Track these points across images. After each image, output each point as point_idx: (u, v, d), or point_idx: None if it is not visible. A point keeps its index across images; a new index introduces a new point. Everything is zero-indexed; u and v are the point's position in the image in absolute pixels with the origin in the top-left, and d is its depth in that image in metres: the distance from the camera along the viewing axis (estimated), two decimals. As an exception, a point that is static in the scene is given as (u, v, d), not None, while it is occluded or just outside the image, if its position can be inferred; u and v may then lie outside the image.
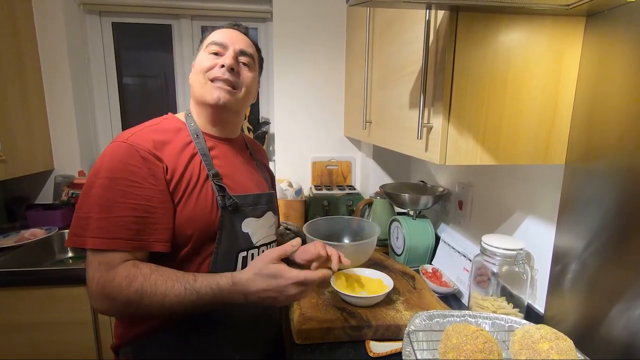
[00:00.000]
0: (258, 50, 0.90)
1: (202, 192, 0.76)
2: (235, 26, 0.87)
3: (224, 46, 0.81)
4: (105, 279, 0.65)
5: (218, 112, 0.83)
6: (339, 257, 0.87)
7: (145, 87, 2.15)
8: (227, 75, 0.79)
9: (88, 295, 0.67)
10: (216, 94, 0.79)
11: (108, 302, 0.66)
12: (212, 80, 0.79)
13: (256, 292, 0.68)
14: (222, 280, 0.69)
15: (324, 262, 0.88)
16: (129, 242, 0.67)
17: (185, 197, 0.74)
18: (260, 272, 0.69)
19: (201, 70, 0.80)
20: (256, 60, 0.87)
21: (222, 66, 0.79)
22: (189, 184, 0.75)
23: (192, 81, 0.83)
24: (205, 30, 0.90)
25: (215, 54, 0.81)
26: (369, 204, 1.54)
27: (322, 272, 0.72)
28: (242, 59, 0.83)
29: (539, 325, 0.64)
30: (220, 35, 0.82)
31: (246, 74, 0.83)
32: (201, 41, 0.86)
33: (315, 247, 0.90)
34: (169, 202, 0.72)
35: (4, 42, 1.48)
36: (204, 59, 0.81)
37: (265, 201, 0.89)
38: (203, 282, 0.67)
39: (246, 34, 0.88)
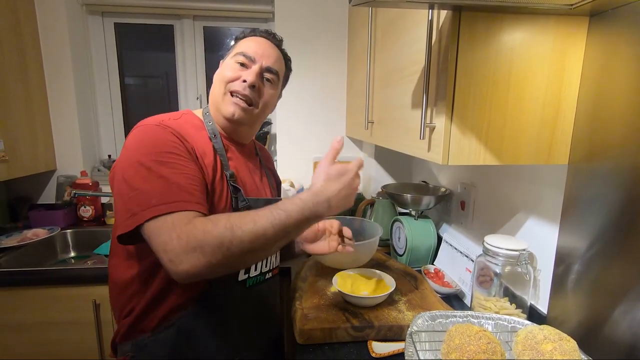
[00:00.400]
0: (287, 63, 0.90)
1: (218, 189, 0.76)
2: (270, 36, 0.86)
3: (252, 59, 0.80)
4: (188, 230, 0.60)
5: (231, 124, 0.83)
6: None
7: (147, 87, 2.16)
8: (247, 92, 0.79)
9: (167, 262, 0.60)
10: (231, 109, 0.79)
11: (197, 253, 0.59)
12: (231, 93, 0.79)
13: (336, 193, 0.68)
14: (302, 195, 0.67)
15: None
16: (192, 204, 0.65)
17: (209, 190, 0.74)
18: (329, 177, 0.70)
19: (223, 79, 0.80)
20: (281, 77, 0.87)
21: (244, 81, 0.78)
22: (210, 179, 0.75)
23: (214, 85, 0.83)
24: (235, 37, 0.88)
25: (242, 64, 0.80)
26: (371, 204, 1.54)
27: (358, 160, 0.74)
28: (267, 75, 0.82)
29: (542, 326, 0.64)
30: (251, 46, 0.81)
31: (267, 92, 0.83)
32: (236, 39, 0.86)
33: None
34: (203, 178, 0.72)
35: (7, 43, 1.48)
36: (228, 67, 0.80)
37: None
38: (285, 202, 0.67)
39: (279, 45, 0.87)
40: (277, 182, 1.06)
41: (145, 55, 2.10)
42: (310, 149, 1.94)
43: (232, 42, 0.88)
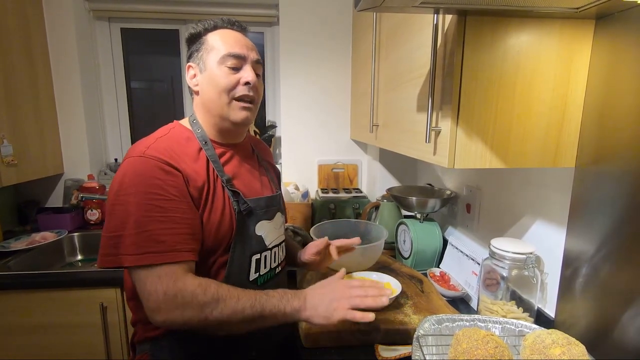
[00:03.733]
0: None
1: (218, 198, 0.76)
2: (238, 27, 0.83)
3: (242, 58, 0.78)
4: (177, 287, 0.64)
5: (238, 128, 0.83)
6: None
7: (153, 91, 2.18)
8: (252, 92, 0.79)
9: (148, 309, 0.66)
10: (243, 114, 0.79)
11: (179, 311, 0.64)
12: (237, 99, 0.78)
13: (312, 291, 0.73)
14: (288, 290, 0.73)
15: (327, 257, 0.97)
16: (166, 255, 0.66)
17: (208, 206, 0.74)
18: (318, 285, 0.76)
19: (223, 88, 0.77)
20: (263, 65, 0.87)
21: (246, 83, 0.77)
22: (208, 192, 0.75)
23: (209, 95, 0.79)
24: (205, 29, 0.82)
25: (233, 67, 0.78)
26: (376, 207, 1.54)
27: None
28: (257, 70, 0.82)
29: (550, 330, 0.64)
30: (233, 43, 0.78)
31: (261, 84, 0.84)
32: (199, 34, 0.81)
33: (316, 243, 0.96)
34: (195, 212, 0.72)
35: (16, 48, 1.51)
36: (222, 75, 0.77)
37: (275, 202, 0.90)
38: (271, 291, 0.72)
39: (247, 35, 0.85)
40: (277, 174, 1.06)
41: (151, 60, 2.12)
42: (314, 152, 1.95)
43: (192, 38, 0.82)
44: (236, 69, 0.78)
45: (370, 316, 0.68)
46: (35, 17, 1.64)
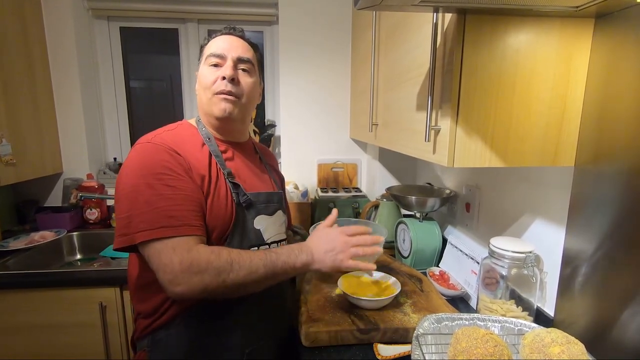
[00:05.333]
0: (256, 49, 0.90)
1: (218, 189, 0.79)
2: (232, 30, 0.88)
3: (222, 57, 0.82)
4: (192, 257, 0.67)
5: (225, 122, 0.86)
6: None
7: (152, 90, 2.17)
8: (229, 87, 0.81)
9: (166, 282, 0.67)
10: (222, 105, 0.82)
11: (198, 277, 0.67)
12: (216, 94, 0.82)
13: (317, 246, 0.79)
14: (294, 244, 0.79)
15: None
16: (177, 229, 0.69)
17: (210, 195, 0.77)
18: (316, 234, 0.83)
19: (205, 85, 0.83)
20: (255, 64, 0.88)
21: (224, 78, 0.81)
22: (210, 181, 0.78)
23: (199, 95, 0.86)
24: (208, 34, 0.93)
25: (215, 65, 0.82)
26: (376, 206, 1.54)
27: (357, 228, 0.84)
28: (241, 66, 0.84)
29: (549, 329, 0.64)
30: (217, 45, 0.83)
31: (246, 80, 0.85)
32: (202, 47, 0.89)
33: (328, 218, 0.95)
34: (200, 194, 0.75)
35: (15, 47, 1.50)
36: (205, 73, 0.83)
37: (276, 200, 0.91)
38: (279, 249, 0.78)
39: (242, 37, 0.88)
40: (281, 179, 1.08)
41: (150, 59, 2.12)
42: (314, 151, 1.95)
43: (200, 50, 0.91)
44: (218, 67, 0.82)
45: (372, 266, 0.81)
46: (34, 16, 1.63)
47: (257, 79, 0.89)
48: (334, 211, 0.89)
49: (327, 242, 0.80)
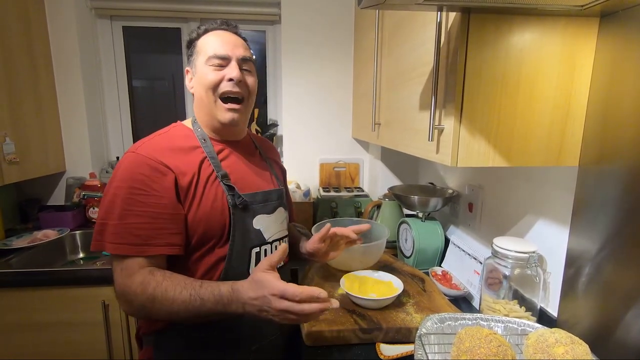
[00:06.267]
0: (248, 44, 0.89)
1: (212, 193, 0.78)
2: (226, 26, 0.86)
3: (226, 58, 0.81)
4: (125, 284, 0.70)
5: (228, 128, 0.85)
6: (352, 232, 0.96)
7: (154, 89, 2.17)
8: (236, 89, 0.80)
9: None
10: (229, 115, 0.81)
11: (127, 305, 0.71)
12: (223, 99, 0.81)
13: (249, 300, 0.65)
14: (224, 287, 0.68)
15: (333, 244, 0.98)
16: (139, 247, 0.70)
17: (196, 199, 0.77)
18: (252, 279, 0.67)
19: (208, 86, 0.80)
20: (254, 62, 0.87)
21: (230, 79, 0.79)
22: (198, 186, 0.77)
23: (199, 95, 0.83)
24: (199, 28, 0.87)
25: (218, 66, 0.81)
26: (378, 205, 1.54)
27: (308, 290, 0.63)
28: (244, 66, 0.83)
29: (553, 329, 0.64)
30: (217, 45, 0.81)
31: (250, 80, 0.84)
32: (192, 41, 0.85)
33: (320, 231, 0.94)
34: (178, 208, 0.75)
35: (18, 47, 1.51)
36: (208, 73, 0.80)
37: (275, 197, 0.90)
38: (207, 289, 0.69)
39: (238, 33, 0.87)
40: (283, 172, 1.08)
41: (152, 58, 2.12)
42: (316, 151, 1.95)
43: (189, 44, 0.87)
44: (221, 67, 0.81)
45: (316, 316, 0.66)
46: (37, 15, 1.64)
47: (256, 76, 0.88)
48: (281, 247, 0.73)
49: (260, 299, 0.64)
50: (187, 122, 0.88)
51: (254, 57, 0.88)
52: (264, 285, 0.65)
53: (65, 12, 1.71)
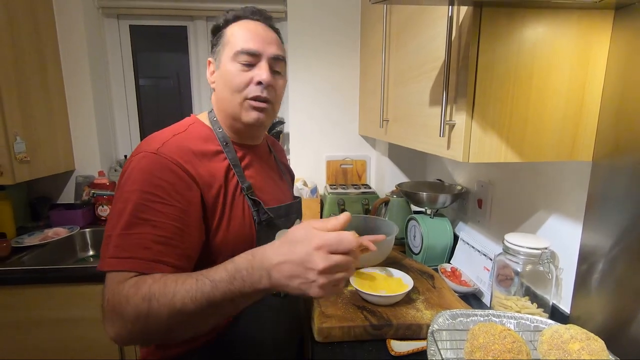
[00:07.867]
0: (281, 37, 0.80)
1: (239, 209, 0.71)
2: (258, 15, 0.76)
3: (256, 55, 0.72)
4: (115, 291, 0.54)
5: (252, 129, 0.78)
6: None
7: (159, 88, 2.18)
8: (265, 94, 0.72)
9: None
10: (254, 115, 0.73)
11: (118, 320, 0.53)
12: (249, 99, 0.72)
13: (277, 265, 0.51)
14: (239, 258, 0.54)
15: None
16: (145, 263, 0.57)
17: (225, 218, 0.69)
18: (284, 240, 0.53)
19: (236, 88, 0.72)
20: (286, 61, 0.79)
21: (259, 82, 0.71)
22: (226, 202, 0.69)
23: (221, 93, 0.75)
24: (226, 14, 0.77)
25: (247, 64, 0.72)
26: (385, 202, 1.54)
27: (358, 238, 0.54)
28: (276, 67, 0.74)
29: (568, 325, 0.63)
30: (248, 38, 0.72)
31: (279, 84, 0.76)
32: (218, 28, 0.76)
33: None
34: (195, 226, 0.64)
35: (28, 46, 1.52)
36: (234, 73, 0.71)
37: (295, 209, 0.88)
38: (217, 268, 0.54)
39: (271, 25, 0.78)
40: (292, 177, 1.05)
41: (158, 56, 2.13)
42: (323, 148, 1.95)
43: (214, 30, 0.77)
44: (250, 66, 0.72)
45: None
46: (45, 15, 1.65)
47: (286, 78, 0.81)
48: (344, 215, 0.56)
49: (298, 263, 0.51)
50: (204, 118, 0.78)
51: (286, 55, 0.79)
52: (308, 238, 0.51)
53: (73, 11, 1.72)
